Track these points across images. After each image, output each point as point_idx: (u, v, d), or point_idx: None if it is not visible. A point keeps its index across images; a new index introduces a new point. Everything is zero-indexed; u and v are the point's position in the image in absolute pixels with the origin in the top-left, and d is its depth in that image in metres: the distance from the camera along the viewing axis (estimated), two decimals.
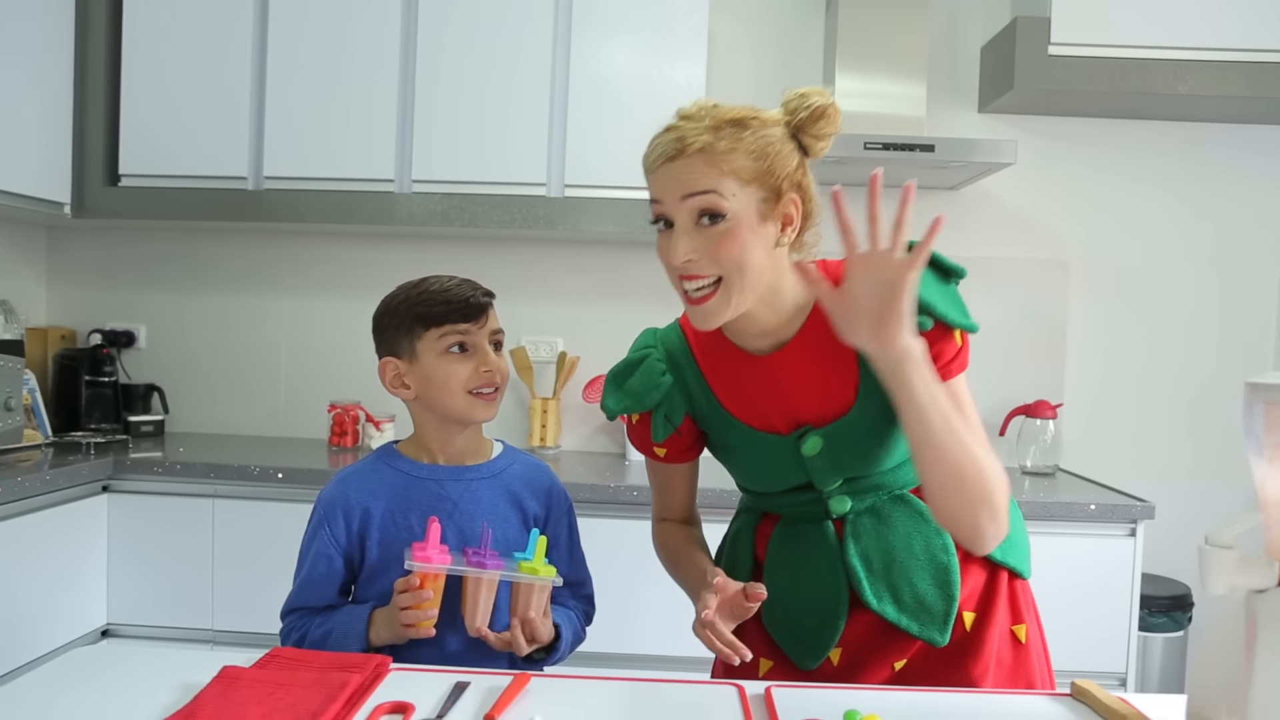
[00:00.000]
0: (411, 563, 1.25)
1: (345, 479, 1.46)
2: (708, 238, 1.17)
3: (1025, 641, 1.35)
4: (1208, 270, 2.99)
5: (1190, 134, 2.96)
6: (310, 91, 2.72)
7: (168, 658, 1.17)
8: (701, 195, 1.16)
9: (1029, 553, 1.40)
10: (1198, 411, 2.99)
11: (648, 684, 1.13)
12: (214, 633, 2.47)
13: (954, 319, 1.23)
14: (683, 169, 1.17)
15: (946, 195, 2.99)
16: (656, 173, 1.20)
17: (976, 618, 1.32)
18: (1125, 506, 2.36)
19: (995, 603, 1.33)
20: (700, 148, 1.16)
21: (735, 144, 1.17)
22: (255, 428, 3.12)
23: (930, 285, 1.24)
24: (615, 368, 1.44)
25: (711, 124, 1.18)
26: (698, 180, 1.17)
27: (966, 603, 1.32)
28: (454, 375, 1.40)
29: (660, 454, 1.42)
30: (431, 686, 1.09)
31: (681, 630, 2.36)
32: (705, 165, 1.17)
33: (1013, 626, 1.35)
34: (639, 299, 2.98)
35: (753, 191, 1.18)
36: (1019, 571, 1.36)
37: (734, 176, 1.17)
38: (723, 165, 1.17)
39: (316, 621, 1.38)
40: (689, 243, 1.18)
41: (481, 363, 1.42)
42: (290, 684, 1.02)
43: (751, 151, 1.17)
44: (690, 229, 1.18)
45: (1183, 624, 2.65)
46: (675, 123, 1.20)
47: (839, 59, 2.77)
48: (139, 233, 3.12)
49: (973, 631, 1.32)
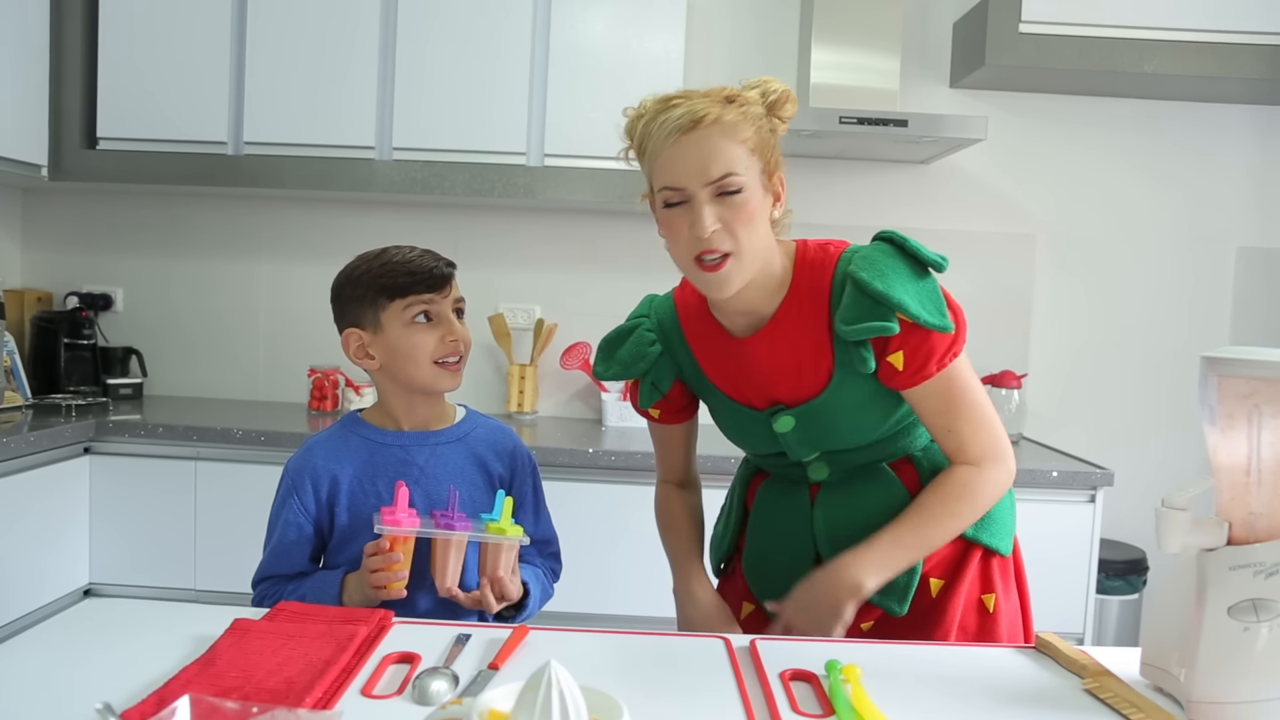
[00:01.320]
0: (381, 526, 1.28)
1: (312, 447, 1.49)
2: (726, 208, 1.21)
3: (993, 611, 1.38)
4: (1170, 245, 3.08)
5: (1156, 111, 3.04)
6: (291, 57, 2.72)
7: (167, 612, 1.21)
8: (724, 179, 1.20)
9: (1011, 530, 1.43)
10: (1157, 382, 3.09)
11: (640, 636, 1.19)
12: (196, 593, 2.51)
13: (927, 320, 1.24)
14: (700, 143, 1.20)
15: (918, 169, 3.05)
16: (670, 148, 1.22)
17: (944, 585, 1.37)
18: (1085, 474, 2.45)
19: (964, 572, 1.36)
20: (714, 119, 1.20)
21: (741, 116, 1.22)
22: (234, 391, 3.14)
23: (904, 282, 1.25)
24: (608, 335, 1.49)
25: (714, 99, 1.22)
26: (719, 158, 1.20)
27: (935, 570, 1.37)
28: (419, 345, 1.42)
29: (654, 415, 1.49)
30: (435, 638, 1.14)
31: (653, 591, 2.44)
32: (721, 138, 1.21)
33: (981, 595, 1.38)
34: (617, 268, 3.03)
35: (755, 164, 1.23)
36: (994, 548, 1.38)
37: (744, 147, 1.21)
38: (736, 135, 1.21)
39: (289, 589, 1.41)
40: (714, 212, 1.21)
41: (447, 332, 1.44)
42: (300, 635, 1.07)
43: (753, 124, 1.22)
44: (711, 201, 1.21)
45: (1138, 587, 2.76)
46: (678, 99, 1.23)
47: (815, 31, 2.81)
48: (117, 196, 3.11)
49: (938, 598, 1.36)
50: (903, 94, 2.93)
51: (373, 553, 1.31)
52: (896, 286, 1.24)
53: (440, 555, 1.32)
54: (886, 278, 1.24)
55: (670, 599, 1.48)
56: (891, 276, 1.25)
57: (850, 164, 3.04)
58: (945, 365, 1.27)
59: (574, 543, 1.66)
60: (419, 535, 1.31)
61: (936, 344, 1.26)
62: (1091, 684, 1.08)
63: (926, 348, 1.25)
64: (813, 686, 1.06)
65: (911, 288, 1.25)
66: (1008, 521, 1.42)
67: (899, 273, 1.25)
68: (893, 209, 3.05)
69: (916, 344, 1.25)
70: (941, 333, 1.25)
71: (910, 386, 1.29)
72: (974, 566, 1.37)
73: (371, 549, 1.31)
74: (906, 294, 1.24)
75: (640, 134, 1.26)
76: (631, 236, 3.00)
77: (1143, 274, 3.09)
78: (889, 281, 1.24)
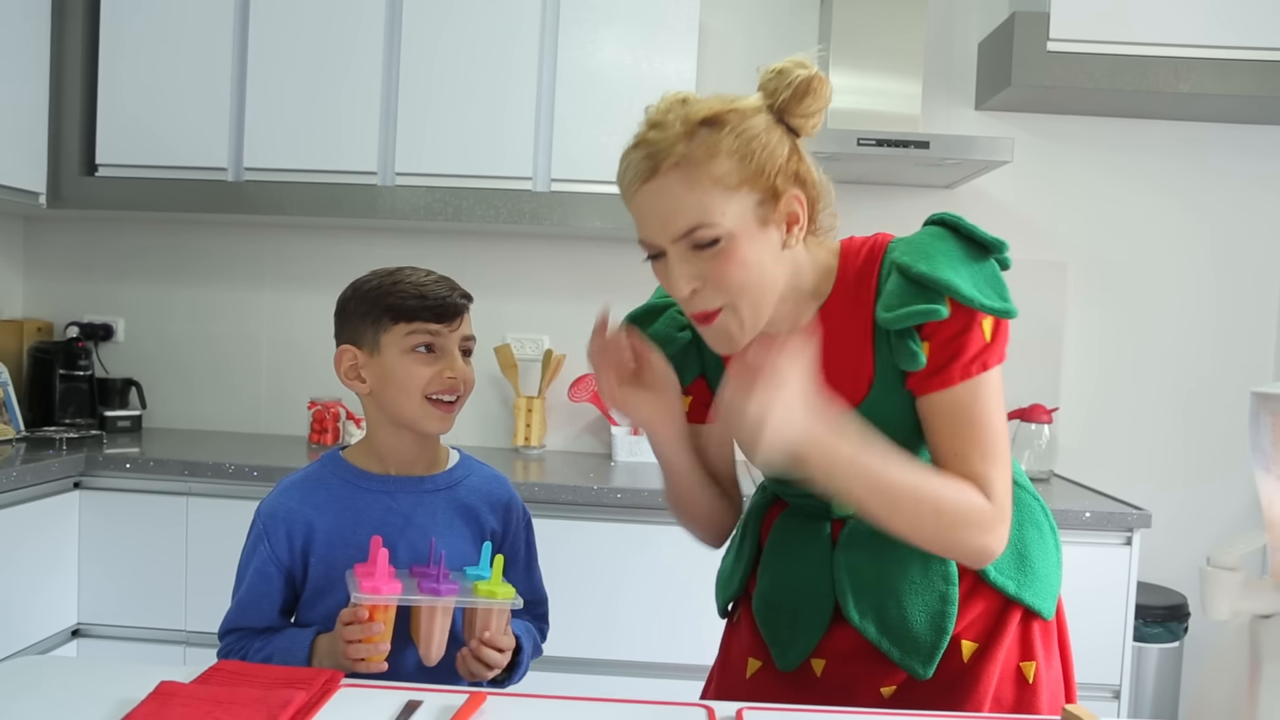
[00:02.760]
0: (358, 595, 1.15)
1: (287, 489, 1.37)
2: (705, 262, 1.07)
3: (1033, 681, 1.21)
4: (1207, 273, 2.94)
5: (1191, 134, 2.91)
6: (292, 81, 2.66)
7: (107, 671, 1.11)
8: (690, 234, 1.06)
9: (1056, 590, 1.26)
10: (1194, 417, 2.94)
11: (611, 704, 1.07)
12: (187, 634, 2.42)
13: (983, 302, 1.08)
14: (661, 194, 1.06)
15: (941, 194, 2.94)
16: (634, 199, 1.09)
17: (977, 649, 1.21)
18: (1121, 515, 2.31)
19: (1001, 636, 1.21)
20: (675, 162, 1.04)
21: (713, 149, 1.05)
22: (235, 424, 3.06)
23: (955, 264, 1.10)
24: (634, 311, 1.37)
25: (683, 129, 1.06)
26: (680, 213, 1.05)
27: (967, 631, 1.21)
28: (414, 376, 1.31)
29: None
30: (382, 704, 1.02)
31: (663, 636, 2.33)
32: (684, 186, 1.05)
33: (1020, 663, 1.22)
34: (627, 296, 2.86)
35: (744, 197, 1.06)
36: (1037, 610, 1.22)
37: (719, 186, 1.05)
38: (703, 179, 1.05)
39: (255, 645, 1.30)
40: (687, 271, 1.07)
41: (446, 368, 1.32)
42: (230, 701, 0.96)
43: (734, 153, 1.05)
44: (685, 257, 1.08)
45: (1178, 634, 2.60)
46: (645, 133, 1.08)
47: (833, 54, 2.72)
48: (117, 224, 3.06)
49: (970, 663, 1.20)
50: (925, 117, 2.82)
51: (349, 621, 1.17)
52: (944, 267, 1.09)
53: (425, 623, 1.20)
54: (933, 259, 1.09)
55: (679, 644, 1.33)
56: (940, 258, 1.10)
57: (871, 189, 2.93)
58: (971, 374, 1.10)
59: (578, 583, 1.55)
60: (401, 603, 1.18)
61: (970, 342, 1.09)
62: None
63: (956, 344, 1.09)
64: None
65: (965, 270, 1.10)
66: (1052, 581, 1.26)
67: (950, 254, 1.11)
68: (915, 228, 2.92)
69: (949, 335, 1.09)
70: (1000, 318, 1.10)
71: (925, 391, 1.12)
72: (1013, 630, 1.21)
73: (348, 617, 1.18)
74: (958, 275, 1.08)
75: (618, 176, 1.12)
76: (643, 264, 2.89)
77: (1180, 304, 2.94)
78: (935, 263, 1.09)
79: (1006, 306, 1.10)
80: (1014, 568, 1.22)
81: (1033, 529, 1.26)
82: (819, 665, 1.26)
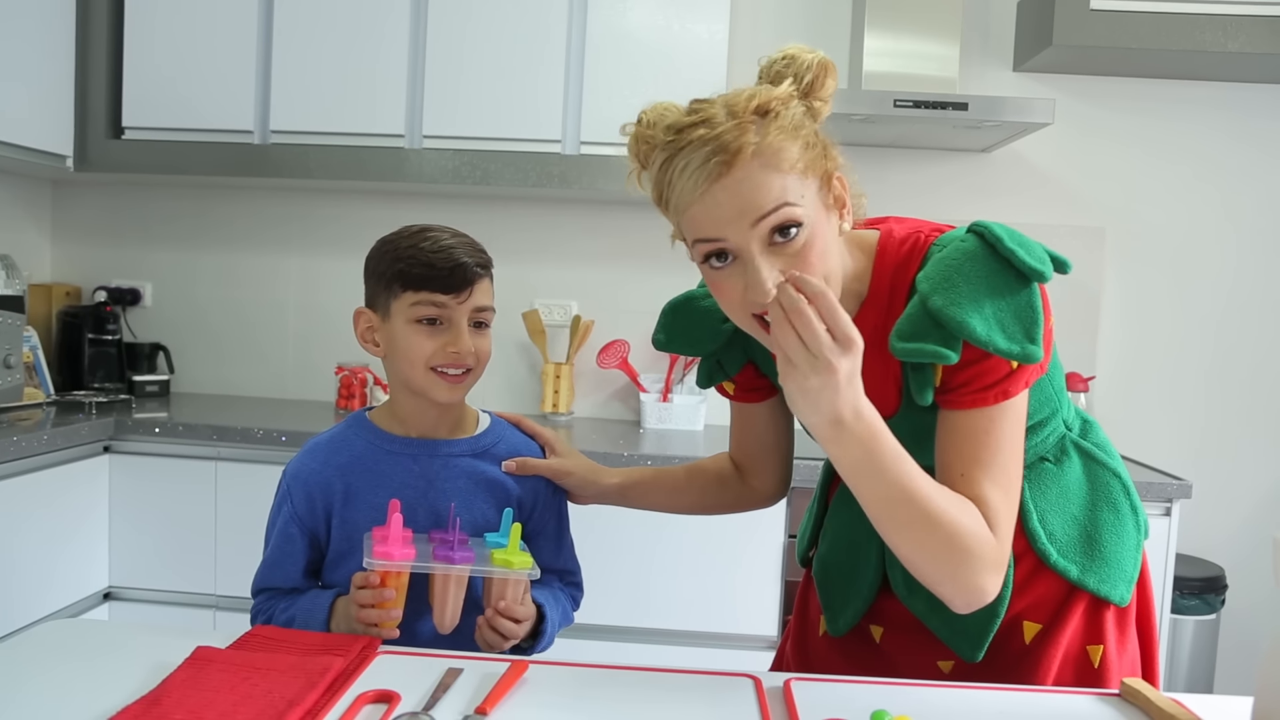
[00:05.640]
0: (371, 560, 1.12)
1: (312, 449, 1.34)
2: (786, 257, 0.98)
3: (1100, 665, 1.15)
4: (1251, 240, 2.87)
5: (1236, 96, 2.83)
6: (319, 42, 2.62)
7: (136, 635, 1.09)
8: (776, 212, 0.96)
9: (1132, 577, 1.19)
10: (1237, 387, 2.89)
11: (656, 674, 1.04)
12: (216, 597, 2.43)
13: (998, 346, 1.00)
14: (741, 185, 0.96)
15: (978, 158, 2.88)
16: (701, 201, 0.97)
17: (1040, 630, 1.16)
18: (1161, 485, 2.26)
19: (1066, 619, 1.16)
20: (752, 152, 0.96)
21: (781, 137, 0.97)
22: (262, 389, 3.06)
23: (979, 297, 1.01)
24: (675, 300, 1.31)
25: (738, 121, 0.97)
26: (765, 194, 0.96)
27: (1030, 612, 1.17)
28: (417, 348, 1.26)
29: (728, 390, 1.33)
30: (422, 672, 1.01)
31: (694, 605, 2.31)
32: (765, 172, 0.96)
33: (1087, 646, 1.16)
34: (657, 262, 2.87)
35: (811, 183, 0.99)
36: (1106, 597, 1.16)
37: (794, 172, 0.97)
38: (782, 164, 0.97)
39: (281, 606, 1.28)
40: (771, 271, 0.97)
41: (451, 341, 1.26)
42: (267, 668, 0.94)
43: (797, 140, 0.98)
44: (767, 250, 0.98)
45: (1215, 607, 2.57)
46: (693, 134, 0.98)
47: (868, 14, 2.66)
48: (144, 187, 3.05)
49: (1032, 645, 1.16)
50: (962, 80, 2.76)
51: (361, 585, 1.15)
52: (964, 301, 1.00)
53: (439, 591, 1.17)
54: (955, 290, 1.01)
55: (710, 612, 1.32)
56: (962, 288, 1.01)
57: (905, 153, 2.87)
58: (988, 402, 1.02)
59: (606, 553, 1.52)
60: (414, 570, 1.15)
61: (991, 370, 1.02)
62: None
63: (978, 368, 1.03)
64: None
65: (989, 304, 1.01)
66: (1126, 566, 1.19)
67: (975, 282, 1.01)
68: (951, 201, 2.87)
69: (968, 359, 1.02)
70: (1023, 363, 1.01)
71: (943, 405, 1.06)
72: (1079, 612, 1.16)
73: (360, 581, 1.15)
74: (978, 313, 1.00)
75: (656, 178, 1.03)
76: None
77: (1222, 270, 2.88)
78: (956, 294, 1.00)
79: (1026, 350, 1.01)
80: (1080, 552, 1.17)
81: (1108, 511, 1.20)
82: (877, 632, 1.25)
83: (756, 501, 1.43)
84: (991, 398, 1.02)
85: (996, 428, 1.03)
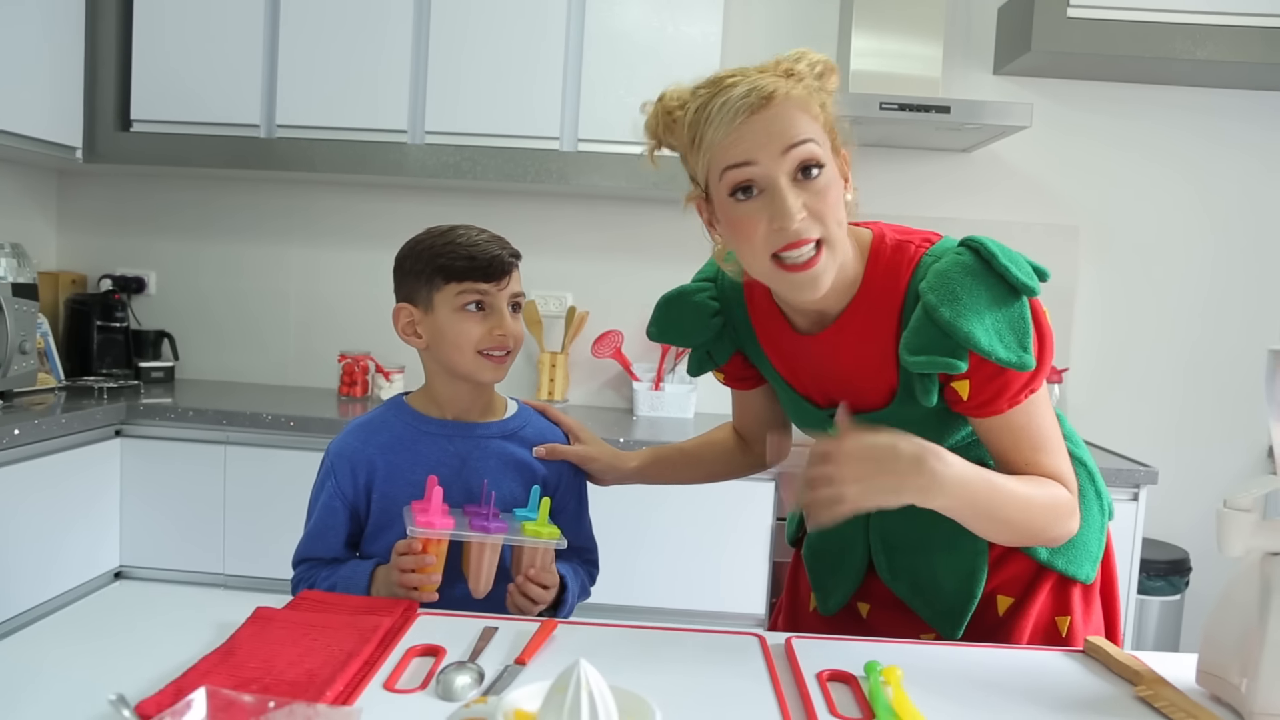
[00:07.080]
0: (414, 528, 1.22)
1: (354, 430, 1.45)
2: (810, 193, 1.06)
3: (1066, 635, 1.26)
4: (1216, 238, 3.00)
5: (1208, 100, 2.95)
6: (324, 39, 2.70)
7: (196, 598, 1.19)
8: (804, 144, 1.05)
9: (1096, 556, 1.30)
10: (1202, 380, 3.01)
11: (671, 632, 1.15)
12: (225, 577, 2.51)
13: (1001, 357, 1.08)
14: (776, 119, 1.06)
15: (959, 158, 2.99)
16: (738, 130, 1.06)
17: (1012, 604, 1.27)
18: (1129, 471, 2.38)
19: (1036, 593, 1.26)
20: (787, 93, 1.06)
21: (807, 90, 1.09)
22: (264, 376, 3.14)
23: (980, 309, 1.09)
24: (668, 294, 1.40)
25: (773, 74, 1.09)
26: (797, 127, 1.06)
27: (1003, 587, 1.27)
28: (466, 334, 1.37)
29: (719, 378, 1.45)
30: (461, 630, 1.11)
31: (679, 584, 2.41)
32: (798, 111, 1.06)
33: (1055, 618, 1.27)
34: (650, 255, 2.99)
35: (827, 145, 1.09)
36: (1074, 576, 1.27)
37: (818, 124, 1.08)
38: (811, 110, 1.08)
39: (323, 574, 1.38)
40: (797, 200, 1.06)
41: (496, 325, 1.38)
42: (323, 625, 1.04)
43: (820, 103, 1.10)
44: (793, 184, 1.06)
45: (1180, 588, 2.69)
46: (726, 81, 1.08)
47: (855, 17, 2.75)
48: (150, 179, 3.11)
49: (1004, 617, 1.26)
50: (945, 81, 2.86)
51: (404, 551, 1.25)
52: (968, 313, 1.08)
53: (475, 558, 1.27)
54: (959, 303, 1.08)
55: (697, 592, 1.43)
56: (965, 301, 1.08)
57: (890, 152, 2.98)
58: (1018, 402, 1.12)
59: (599, 533, 1.62)
60: (453, 538, 1.26)
61: (1010, 380, 1.11)
62: (1145, 692, 1.03)
63: (997, 383, 1.11)
64: (851, 688, 1.02)
65: (989, 316, 1.09)
66: (1091, 546, 1.30)
67: (976, 295, 1.08)
68: (933, 198, 2.98)
69: (986, 377, 1.11)
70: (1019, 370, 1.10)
71: (978, 416, 1.15)
72: (1047, 587, 1.27)
73: (403, 547, 1.25)
74: (980, 325, 1.08)
75: (691, 121, 1.10)
76: (666, 224, 2.96)
77: (1190, 269, 3.00)
78: (960, 307, 1.08)
79: (1022, 359, 1.09)
80: None
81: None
82: (864, 609, 1.36)
83: (763, 466, 1.55)
84: (1023, 397, 1.13)
85: (1036, 415, 1.16)
